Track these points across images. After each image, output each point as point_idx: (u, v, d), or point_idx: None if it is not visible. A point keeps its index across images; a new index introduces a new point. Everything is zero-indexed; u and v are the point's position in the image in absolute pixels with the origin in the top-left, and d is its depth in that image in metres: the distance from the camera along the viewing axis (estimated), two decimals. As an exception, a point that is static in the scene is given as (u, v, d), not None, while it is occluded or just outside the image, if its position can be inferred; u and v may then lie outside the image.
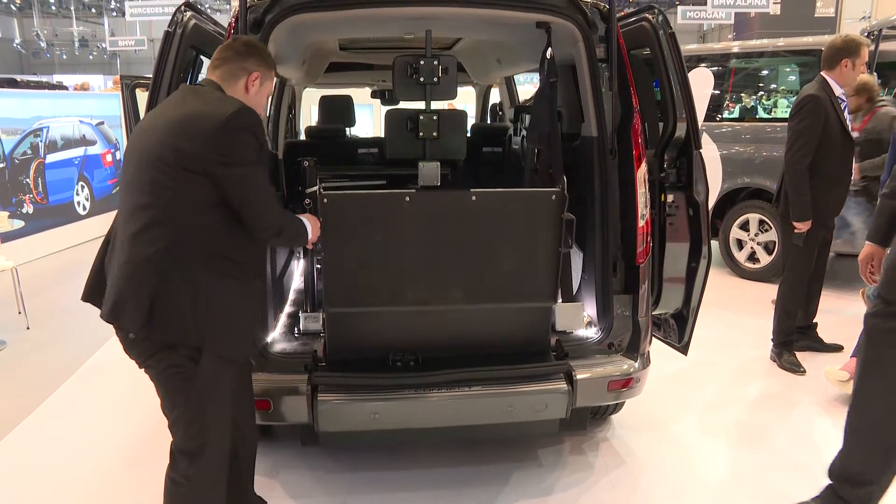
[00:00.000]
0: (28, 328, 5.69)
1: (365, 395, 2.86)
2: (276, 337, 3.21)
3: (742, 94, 7.63)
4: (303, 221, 2.58)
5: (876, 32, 5.97)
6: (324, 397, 2.84)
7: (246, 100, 2.42)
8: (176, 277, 2.22)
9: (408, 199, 2.88)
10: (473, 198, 2.91)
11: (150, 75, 3.09)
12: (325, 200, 2.82)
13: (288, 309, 3.67)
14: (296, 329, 3.26)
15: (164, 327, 2.22)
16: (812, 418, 4.01)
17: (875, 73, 5.85)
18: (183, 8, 3.13)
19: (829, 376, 4.18)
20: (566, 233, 2.96)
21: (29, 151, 8.25)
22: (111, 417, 4.07)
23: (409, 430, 3.04)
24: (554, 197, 2.93)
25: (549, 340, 3.16)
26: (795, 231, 4.39)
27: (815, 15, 18.97)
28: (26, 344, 5.39)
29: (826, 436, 3.77)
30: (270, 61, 2.54)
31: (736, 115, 7.50)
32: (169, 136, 2.23)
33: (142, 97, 3.59)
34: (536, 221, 2.96)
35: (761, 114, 7.54)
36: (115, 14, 35.38)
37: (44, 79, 20.85)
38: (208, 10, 30.52)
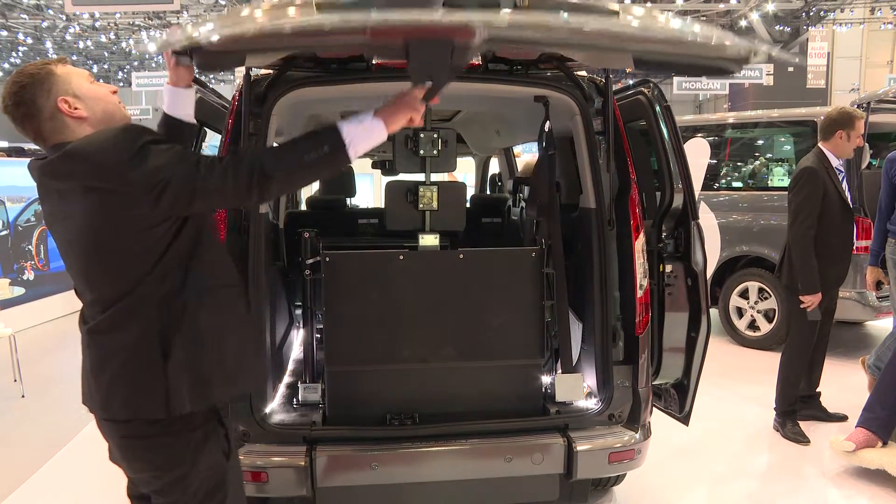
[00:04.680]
0: (23, 396, 5.62)
1: (363, 447, 2.91)
2: (275, 408, 3.18)
3: (738, 164, 7.73)
4: None
5: (865, 105, 6.09)
6: (322, 450, 2.88)
7: (93, 122, 2.00)
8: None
9: (401, 257, 3.08)
10: (461, 256, 3.14)
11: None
12: (328, 259, 3.02)
13: (287, 379, 3.65)
14: (294, 400, 3.23)
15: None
16: (820, 491, 3.93)
17: (867, 144, 5.95)
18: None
19: (835, 447, 4.12)
20: (547, 286, 3.16)
21: (32, 218, 8.31)
22: (104, 488, 3.97)
23: (407, 489, 3.02)
24: (534, 254, 3.18)
25: (541, 395, 3.21)
26: (808, 309, 4.36)
27: (807, 86, 19.40)
28: (21, 412, 5.33)
29: (833, 509, 3.70)
30: (46, 69, 1.96)
31: (733, 183, 7.59)
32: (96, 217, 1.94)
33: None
34: (520, 278, 3.17)
35: (758, 182, 7.62)
36: (122, 84, 36.17)
37: (50, 147, 21.17)
38: (212, 83, 31.16)
